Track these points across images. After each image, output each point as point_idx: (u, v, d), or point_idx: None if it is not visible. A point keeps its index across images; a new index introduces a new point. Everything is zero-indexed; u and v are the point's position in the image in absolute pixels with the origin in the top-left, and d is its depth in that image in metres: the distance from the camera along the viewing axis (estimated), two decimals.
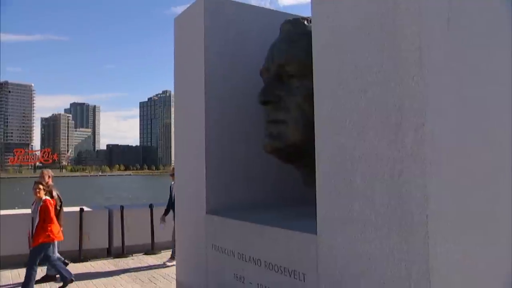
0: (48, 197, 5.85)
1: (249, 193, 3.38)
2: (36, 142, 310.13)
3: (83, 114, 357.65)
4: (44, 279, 6.20)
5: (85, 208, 7.99)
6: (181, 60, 3.79)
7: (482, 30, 1.86)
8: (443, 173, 1.68)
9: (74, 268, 6.98)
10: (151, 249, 7.92)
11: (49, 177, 6.49)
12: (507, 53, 1.96)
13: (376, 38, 1.81)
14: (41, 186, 5.80)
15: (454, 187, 1.72)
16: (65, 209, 8.08)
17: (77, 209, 7.82)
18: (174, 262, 6.93)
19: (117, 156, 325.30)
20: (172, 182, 7.36)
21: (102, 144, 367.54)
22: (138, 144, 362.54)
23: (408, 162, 1.68)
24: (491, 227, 1.84)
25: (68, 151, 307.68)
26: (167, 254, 7.12)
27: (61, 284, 5.85)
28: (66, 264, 6.39)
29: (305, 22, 2.73)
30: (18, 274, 6.36)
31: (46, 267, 6.29)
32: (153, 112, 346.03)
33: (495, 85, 1.90)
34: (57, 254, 6.27)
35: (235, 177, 3.34)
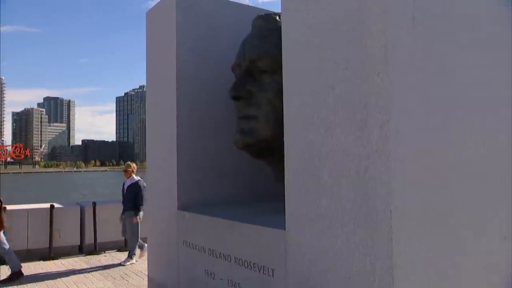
0: None
1: (221, 189, 3.36)
2: (7, 137, 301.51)
3: (57, 109, 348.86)
4: (10, 278, 5.99)
5: (56, 205, 7.79)
6: (153, 55, 3.73)
7: (446, 29, 1.89)
8: (407, 171, 1.70)
9: (44, 266, 6.81)
10: (124, 246, 7.80)
11: None
12: (470, 52, 2.00)
13: (344, 35, 1.82)
14: None
15: (418, 184, 1.74)
16: (36, 206, 7.90)
17: (47, 205, 7.62)
18: (133, 261, 6.87)
19: (93, 151, 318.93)
20: (126, 179, 7.22)
21: (77, 140, 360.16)
22: (115, 139, 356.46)
23: (374, 158, 1.70)
24: (454, 225, 1.88)
25: (41, 146, 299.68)
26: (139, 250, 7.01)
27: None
28: None
29: (277, 18, 2.72)
30: None
31: (8, 266, 6.09)
32: (129, 107, 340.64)
33: (459, 84, 1.94)
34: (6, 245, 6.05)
35: (207, 173, 3.31)
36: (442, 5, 1.88)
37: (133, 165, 7.27)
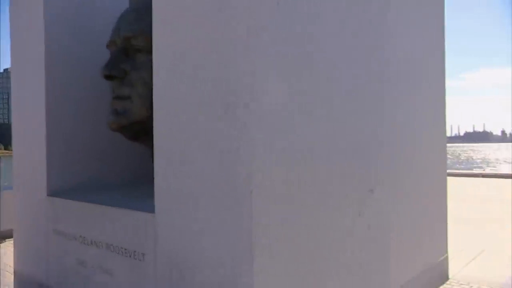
0: None
1: (97, 173, 3.19)
2: None
3: None
4: None
5: None
6: (18, 26, 3.34)
7: (309, 14, 2.01)
8: (269, 151, 1.79)
9: None
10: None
11: None
12: (332, 37, 2.16)
13: (211, 15, 1.83)
14: None
15: (279, 165, 1.84)
16: None
17: None
18: None
19: None
20: None
21: None
22: None
23: (238, 139, 1.75)
24: (313, 205, 2.04)
25: None
26: (10, 243, 6.33)
27: None
28: None
29: None
30: None
31: None
32: (10, 85, 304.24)
33: (320, 66, 2.09)
34: None
35: (81, 156, 3.11)
36: None
37: None
